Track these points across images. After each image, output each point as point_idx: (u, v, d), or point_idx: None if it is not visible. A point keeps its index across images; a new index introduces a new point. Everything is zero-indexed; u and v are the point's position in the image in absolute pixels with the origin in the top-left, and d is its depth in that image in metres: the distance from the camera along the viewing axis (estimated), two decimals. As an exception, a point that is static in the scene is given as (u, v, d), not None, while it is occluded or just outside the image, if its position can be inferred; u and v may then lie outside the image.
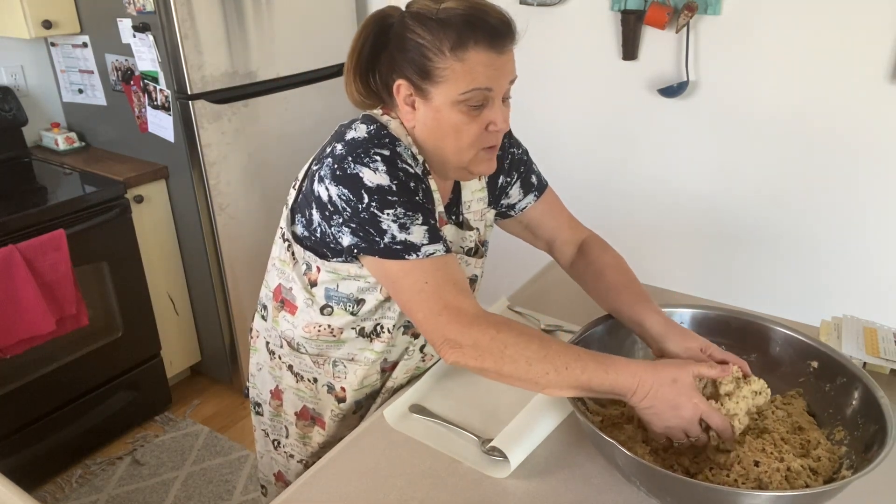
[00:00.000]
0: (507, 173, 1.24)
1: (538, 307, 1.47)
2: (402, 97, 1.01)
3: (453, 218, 1.16)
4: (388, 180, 0.97)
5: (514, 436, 1.02)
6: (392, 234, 0.97)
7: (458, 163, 1.04)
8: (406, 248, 0.97)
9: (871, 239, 2.10)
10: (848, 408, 0.98)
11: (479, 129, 1.00)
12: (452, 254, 1.00)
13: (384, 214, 0.97)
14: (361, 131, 1.01)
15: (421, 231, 0.98)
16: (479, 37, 0.94)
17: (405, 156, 1.00)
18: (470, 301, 0.97)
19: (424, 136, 1.04)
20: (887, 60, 1.91)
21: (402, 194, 0.97)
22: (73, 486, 2.23)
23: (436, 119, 1.00)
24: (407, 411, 1.13)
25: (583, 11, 2.34)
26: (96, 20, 2.32)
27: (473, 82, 0.96)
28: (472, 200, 1.19)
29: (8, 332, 1.92)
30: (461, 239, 1.17)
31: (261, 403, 1.33)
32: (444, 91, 0.97)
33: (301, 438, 1.27)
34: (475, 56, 0.95)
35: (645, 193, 2.46)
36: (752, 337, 1.12)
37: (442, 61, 0.96)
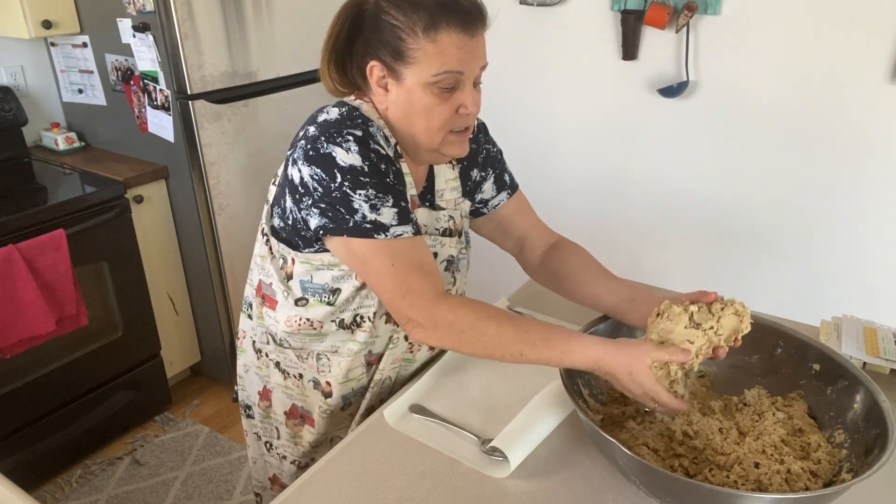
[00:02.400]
0: (481, 168, 1.25)
1: (538, 307, 1.47)
2: (375, 79, 1.02)
3: (427, 204, 1.16)
4: (360, 160, 0.98)
5: (514, 436, 1.02)
6: (363, 214, 0.99)
7: (429, 144, 1.05)
8: (375, 228, 0.99)
9: (871, 239, 2.10)
10: (849, 411, 0.98)
11: (450, 111, 1.02)
12: (421, 236, 1.03)
13: (356, 194, 0.98)
14: (334, 113, 1.03)
15: (391, 212, 1.00)
16: (451, 19, 0.96)
17: (378, 136, 1.02)
18: (433, 283, 1.01)
19: (397, 117, 1.05)
20: (887, 60, 1.91)
21: (374, 175, 0.99)
22: (73, 486, 2.23)
23: (408, 100, 1.01)
24: (407, 411, 1.13)
25: (583, 11, 2.34)
26: (96, 20, 2.32)
27: (445, 64, 0.98)
28: (446, 189, 1.20)
29: (8, 332, 1.92)
30: (435, 220, 1.17)
31: (250, 405, 1.32)
32: (416, 72, 0.98)
33: (292, 438, 1.26)
34: (447, 38, 0.97)
35: (644, 193, 2.46)
36: (753, 337, 1.12)
37: (414, 42, 0.97)
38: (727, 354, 1.01)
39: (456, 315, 0.99)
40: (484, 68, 1.04)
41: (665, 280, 2.26)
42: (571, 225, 2.68)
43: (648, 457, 0.94)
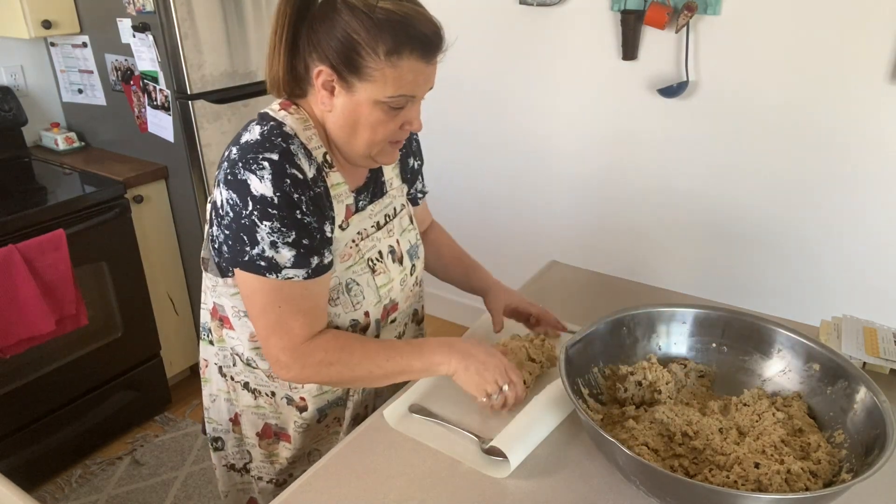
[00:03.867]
0: (416, 157, 1.30)
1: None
2: (322, 82, 0.99)
3: (368, 197, 1.15)
4: (270, 191, 0.96)
5: (514, 436, 1.02)
6: (262, 248, 0.98)
7: (365, 153, 1.05)
8: (269, 267, 0.99)
9: (870, 239, 2.10)
10: (849, 411, 0.97)
11: (395, 126, 1.03)
12: (315, 278, 1.02)
13: (262, 225, 0.97)
14: (255, 133, 1.01)
15: (289, 253, 0.99)
16: (414, 46, 0.96)
17: (298, 155, 0.99)
18: (313, 327, 1.04)
19: (338, 124, 1.03)
20: (887, 60, 1.91)
21: (282, 208, 0.97)
22: (72, 486, 2.23)
23: (355, 112, 1.00)
24: (407, 411, 1.13)
25: (583, 11, 2.34)
26: (96, 20, 2.32)
27: (400, 89, 0.98)
28: (393, 178, 1.22)
29: (8, 332, 1.92)
30: (382, 209, 1.18)
31: (219, 437, 1.28)
32: (370, 89, 0.97)
33: (268, 458, 1.24)
34: (407, 64, 0.96)
35: (644, 193, 2.46)
36: (753, 337, 1.12)
37: (374, 62, 0.95)
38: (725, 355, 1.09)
39: (326, 352, 1.04)
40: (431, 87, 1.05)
41: (665, 280, 2.27)
42: (571, 224, 2.68)
43: (648, 457, 0.94)
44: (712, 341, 1.15)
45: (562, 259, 1.71)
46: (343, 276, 1.09)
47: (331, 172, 1.06)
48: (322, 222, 1.02)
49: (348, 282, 1.09)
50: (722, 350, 1.14)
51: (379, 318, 1.16)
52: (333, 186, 1.06)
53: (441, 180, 2.90)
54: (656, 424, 1.00)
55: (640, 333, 1.15)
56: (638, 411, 1.06)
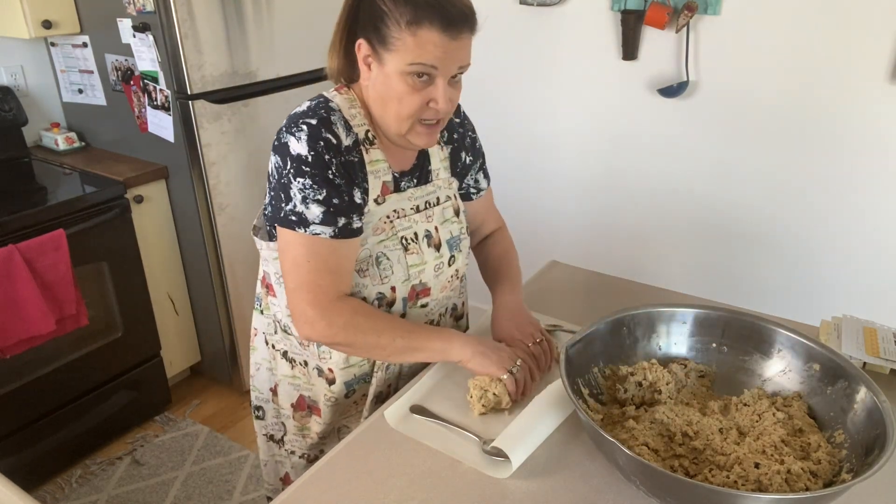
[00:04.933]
0: (469, 152, 1.32)
1: (538, 307, 1.47)
2: (362, 56, 1.08)
3: (413, 182, 1.20)
4: (305, 150, 1.05)
5: (516, 436, 1.03)
6: (294, 204, 1.06)
7: (397, 129, 1.09)
8: (299, 221, 1.07)
9: (870, 239, 2.10)
10: (849, 411, 0.97)
11: (421, 102, 1.06)
12: (344, 240, 1.08)
13: (296, 182, 1.06)
14: (304, 106, 1.11)
15: (318, 209, 1.06)
16: (433, 18, 1.00)
17: (337, 125, 1.08)
18: (339, 286, 1.10)
19: (373, 97, 1.10)
20: (887, 60, 1.91)
21: (315, 166, 1.05)
22: (73, 486, 2.23)
23: (385, 84, 1.06)
24: (407, 412, 1.13)
25: (583, 11, 2.34)
26: (96, 20, 2.32)
27: (420, 57, 1.02)
28: (440, 169, 1.26)
29: (8, 332, 1.92)
30: (424, 195, 1.22)
31: (261, 406, 1.35)
32: (395, 59, 1.03)
33: (300, 431, 1.29)
34: (427, 35, 1.00)
35: (644, 193, 2.46)
36: (753, 337, 1.12)
37: (397, 32, 1.01)
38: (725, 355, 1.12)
39: (355, 312, 1.10)
40: (464, 69, 1.07)
41: (665, 280, 2.27)
42: (571, 224, 2.68)
43: (648, 457, 0.94)
44: (712, 341, 1.15)
45: (562, 259, 1.71)
46: (374, 249, 1.14)
47: (371, 149, 1.13)
48: (350, 188, 1.09)
49: (378, 255, 1.14)
50: (722, 350, 1.14)
51: (406, 296, 1.19)
52: (372, 162, 1.13)
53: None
54: (656, 424, 1.00)
55: (640, 333, 1.15)
56: (638, 411, 1.06)
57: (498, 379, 1.12)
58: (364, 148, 1.12)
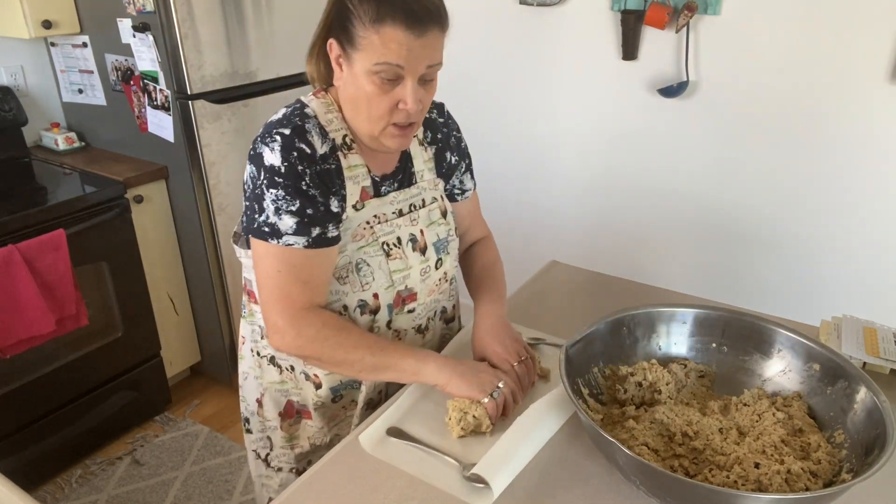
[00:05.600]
0: (454, 152, 1.29)
1: (538, 307, 1.47)
2: (334, 57, 1.06)
3: (395, 185, 1.18)
4: (279, 161, 1.04)
5: (497, 461, 0.98)
6: (267, 215, 1.05)
7: (369, 131, 1.08)
8: (272, 232, 1.05)
9: (870, 239, 2.10)
10: (849, 411, 0.97)
11: (390, 104, 1.04)
12: (317, 249, 1.07)
13: (269, 192, 1.04)
14: (279, 114, 1.10)
15: (291, 220, 1.05)
16: (396, 15, 0.98)
17: (312, 133, 1.06)
18: (311, 296, 1.08)
19: (345, 99, 1.09)
20: (887, 60, 1.91)
21: (288, 177, 1.04)
22: (73, 486, 2.23)
23: (355, 84, 1.04)
24: (384, 435, 1.07)
25: (583, 11, 2.34)
26: (96, 20, 2.32)
27: (385, 56, 1.00)
28: (424, 170, 1.23)
29: (8, 332, 1.92)
30: (408, 198, 1.19)
31: (249, 418, 1.31)
32: (362, 59, 1.01)
33: (288, 441, 1.26)
34: (391, 32, 0.98)
35: (644, 193, 2.46)
36: (753, 337, 1.12)
37: (362, 30, 1.00)
38: (725, 355, 1.12)
39: (324, 324, 1.07)
40: (435, 68, 1.05)
41: (665, 280, 2.26)
42: (571, 224, 2.68)
43: (648, 457, 0.94)
44: (712, 341, 1.15)
45: (562, 259, 1.71)
46: (354, 255, 1.12)
47: (349, 154, 1.11)
48: (327, 197, 1.07)
49: (358, 261, 1.12)
50: (722, 350, 1.14)
51: (391, 303, 1.17)
52: (350, 168, 1.11)
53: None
54: (656, 424, 1.00)
55: (640, 333, 1.15)
56: (638, 411, 1.06)
57: (478, 401, 1.07)
58: (342, 153, 1.10)
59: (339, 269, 1.12)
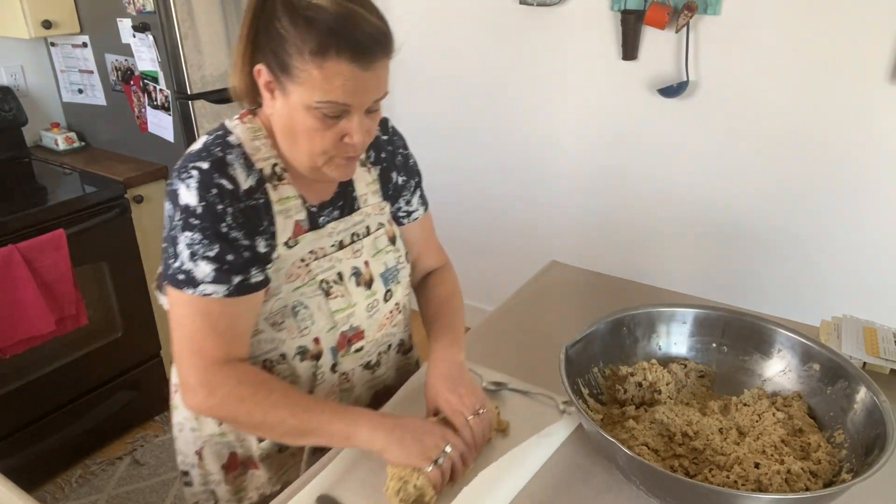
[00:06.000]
0: (401, 171, 1.17)
1: (538, 307, 1.47)
2: (263, 82, 0.93)
3: (335, 214, 1.07)
4: (195, 200, 0.92)
5: None
6: (181, 261, 0.93)
7: (310, 164, 0.96)
8: (187, 280, 0.93)
9: (870, 239, 2.10)
10: (849, 411, 0.98)
11: (334, 138, 0.93)
12: (235, 298, 0.95)
13: (183, 235, 0.93)
14: (200, 142, 0.98)
15: (208, 267, 0.93)
16: (341, 48, 0.86)
17: (234, 166, 0.95)
18: (228, 350, 0.96)
19: (279, 129, 0.97)
20: (887, 60, 1.91)
21: (205, 219, 0.92)
22: (73, 486, 2.23)
23: (291, 117, 0.93)
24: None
25: (583, 11, 2.34)
26: (96, 20, 2.32)
27: (329, 94, 0.88)
28: (368, 194, 1.12)
29: (8, 332, 1.92)
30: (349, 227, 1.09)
31: (188, 470, 1.17)
32: (300, 92, 0.90)
33: (235, 495, 1.15)
34: (335, 67, 0.87)
35: (644, 193, 2.46)
36: (753, 337, 1.12)
37: (301, 63, 0.88)
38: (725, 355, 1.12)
39: (240, 381, 0.95)
40: (381, 99, 0.95)
41: (665, 280, 2.26)
42: (571, 224, 2.68)
43: (648, 457, 0.94)
44: (712, 341, 1.15)
45: (562, 259, 1.71)
46: (289, 297, 1.01)
47: (280, 185, 1.00)
48: (253, 237, 0.96)
49: (295, 304, 1.01)
50: (722, 350, 1.14)
51: (335, 346, 1.07)
52: (281, 200, 1.00)
53: (441, 180, 2.89)
54: (656, 424, 1.00)
55: (640, 333, 1.15)
56: (638, 411, 1.06)
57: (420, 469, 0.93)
58: (271, 185, 0.99)
59: (273, 315, 1.01)
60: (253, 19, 0.92)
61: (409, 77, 2.79)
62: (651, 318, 1.15)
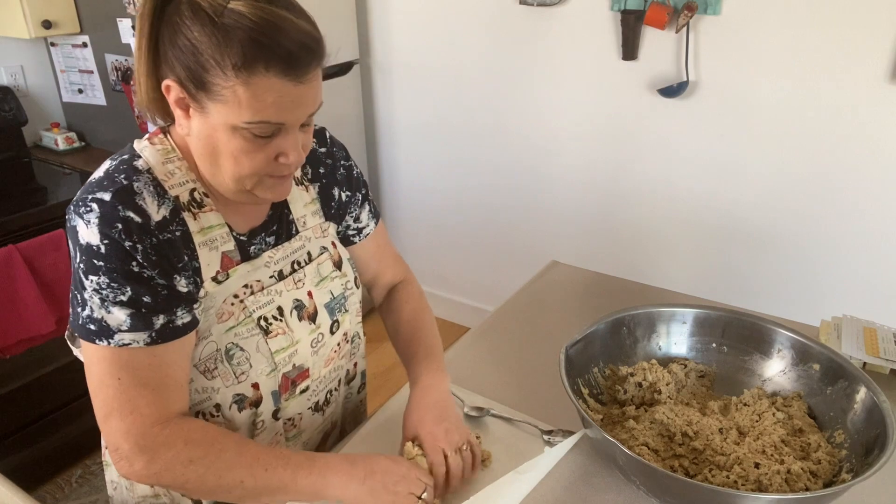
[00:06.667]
0: (343, 187, 1.07)
1: (538, 307, 1.47)
2: (173, 98, 0.81)
3: (270, 241, 0.96)
4: (97, 239, 0.80)
5: None
6: (91, 308, 0.81)
7: (237, 188, 0.85)
8: (99, 331, 0.81)
9: (871, 239, 2.10)
10: (849, 411, 0.98)
11: (266, 158, 0.82)
12: (162, 345, 0.83)
13: (88, 280, 0.80)
14: (102, 168, 0.87)
15: (122, 313, 0.81)
16: (270, 61, 0.75)
17: (143, 194, 0.82)
18: (162, 406, 0.83)
19: (198, 151, 0.85)
20: (887, 60, 1.91)
21: (110, 259, 0.80)
22: (72, 486, 2.23)
23: (212, 137, 0.81)
24: None
25: (583, 11, 2.34)
26: (96, 20, 2.32)
27: (260, 114, 0.77)
28: (306, 215, 1.01)
29: (8, 332, 1.92)
30: (288, 255, 0.98)
31: None
32: (223, 112, 0.78)
33: None
34: (265, 83, 0.76)
35: (645, 193, 2.46)
36: (753, 337, 1.12)
37: (222, 79, 0.76)
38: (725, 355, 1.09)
39: (187, 442, 0.82)
40: (317, 111, 0.84)
41: (665, 280, 2.26)
42: (572, 224, 2.68)
43: (648, 457, 0.94)
44: (712, 341, 1.15)
45: (562, 259, 1.71)
46: (222, 339, 0.89)
47: (200, 213, 0.88)
48: (170, 276, 0.83)
49: (229, 347, 0.89)
50: (722, 350, 1.14)
51: (277, 389, 0.96)
52: (203, 230, 0.88)
53: (441, 181, 2.90)
54: (656, 424, 1.00)
55: (640, 333, 1.15)
56: (638, 411, 1.06)
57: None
58: (190, 214, 0.86)
59: (203, 361, 0.89)
60: (151, 27, 0.79)
61: (410, 77, 2.79)
62: (651, 318, 1.15)
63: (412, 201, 3.01)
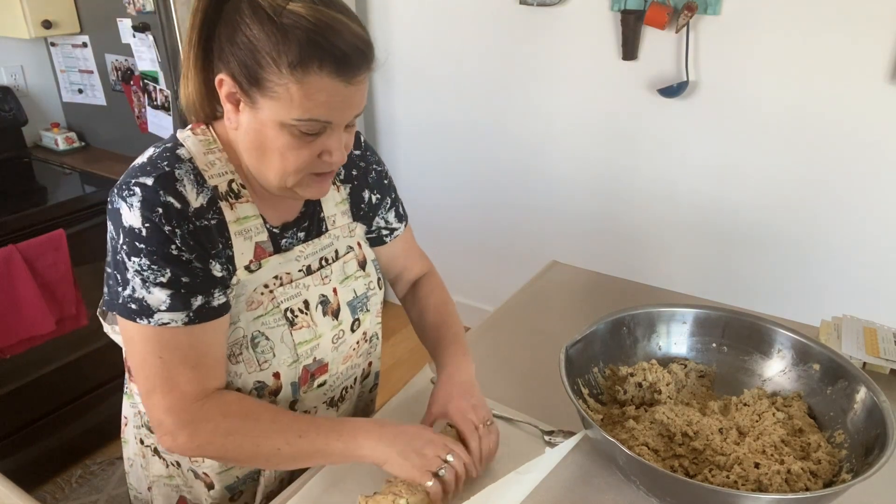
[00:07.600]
0: (374, 189, 1.10)
1: (538, 307, 1.47)
2: (225, 93, 0.85)
3: (301, 236, 1.00)
4: (139, 222, 0.84)
5: None
6: (133, 288, 0.85)
7: (280, 184, 0.88)
8: (140, 310, 0.85)
9: (871, 239, 2.10)
10: (849, 411, 0.98)
11: (311, 155, 0.86)
12: (199, 325, 0.87)
13: (131, 262, 0.85)
14: (146, 154, 0.90)
15: (162, 293, 0.85)
16: (325, 61, 0.78)
17: (183, 181, 0.86)
18: (201, 383, 0.87)
19: (245, 145, 0.88)
20: (887, 60, 1.91)
21: (151, 242, 0.84)
22: (72, 486, 2.23)
23: (260, 132, 0.85)
24: None
25: (583, 11, 2.34)
26: (96, 20, 2.32)
27: (310, 112, 0.81)
28: (336, 214, 1.05)
29: (8, 332, 1.92)
30: (317, 250, 1.01)
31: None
32: (275, 108, 0.82)
33: None
34: (317, 82, 0.79)
35: (645, 193, 2.46)
36: (753, 337, 1.12)
37: (276, 76, 0.79)
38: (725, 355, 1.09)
39: (225, 416, 0.88)
40: (360, 113, 0.88)
41: (665, 280, 2.27)
42: (571, 224, 2.68)
43: (648, 457, 0.94)
44: (712, 341, 1.15)
45: (562, 259, 1.71)
46: (249, 327, 0.92)
47: (237, 203, 0.92)
48: (206, 261, 0.87)
49: (255, 335, 0.93)
50: (722, 350, 1.14)
51: (297, 381, 0.99)
52: (239, 220, 0.92)
53: (441, 180, 2.90)
54: (656, 424, 1.00)
55: (640, 333, 1.15)
56: (638, 411, 1.06)
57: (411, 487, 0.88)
58: (227, 203, 0.90)
59: (229, 346, 0.92)
60: (203, 23, 0.84)
61: (409, 77, 2.79)
62: (651, 318, 1.15)
63: (412, 201, 3.00)
